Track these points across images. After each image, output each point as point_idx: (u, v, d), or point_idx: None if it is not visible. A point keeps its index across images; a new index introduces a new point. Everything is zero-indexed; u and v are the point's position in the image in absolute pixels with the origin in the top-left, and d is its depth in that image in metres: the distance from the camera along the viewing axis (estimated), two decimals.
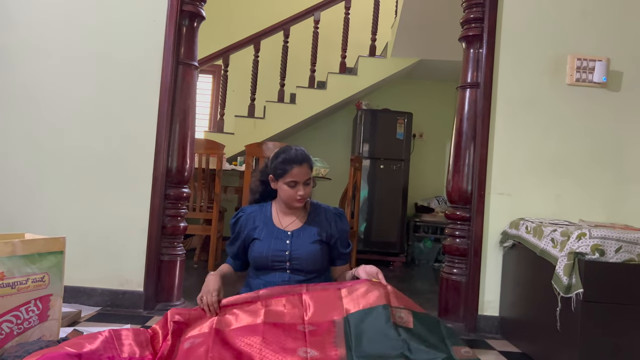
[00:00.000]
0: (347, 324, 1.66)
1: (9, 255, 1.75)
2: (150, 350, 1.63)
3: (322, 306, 1.73)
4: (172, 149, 2.64)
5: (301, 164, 1.90)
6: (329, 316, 1.70)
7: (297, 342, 1.60)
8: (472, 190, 2.61)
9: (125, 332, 1.66)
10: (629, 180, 2.59)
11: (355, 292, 1.75)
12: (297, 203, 1.93)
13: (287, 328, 1.65)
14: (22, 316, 1.78)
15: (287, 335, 1.62)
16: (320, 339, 1.62)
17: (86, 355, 1.49)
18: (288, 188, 1.91)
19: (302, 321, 1.68)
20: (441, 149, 5.92)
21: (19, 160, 2.64)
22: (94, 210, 2.62)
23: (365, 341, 1.60)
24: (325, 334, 1.64)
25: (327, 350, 1.58)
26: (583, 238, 1.85)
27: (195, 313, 1.75)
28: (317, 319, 1.69)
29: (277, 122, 5.10)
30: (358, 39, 5.38)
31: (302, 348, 1.58)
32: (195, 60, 2.72)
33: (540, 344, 2.14)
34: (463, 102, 2.67)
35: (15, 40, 2.66)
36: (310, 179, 1.94)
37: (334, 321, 1.68)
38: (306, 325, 1.67)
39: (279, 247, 1.91)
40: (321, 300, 1.75)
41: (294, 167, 1.89)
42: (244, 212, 2.04)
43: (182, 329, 1.68)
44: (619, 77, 2.60)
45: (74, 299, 2.55)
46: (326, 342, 1.61)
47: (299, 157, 1.91)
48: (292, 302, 1.74)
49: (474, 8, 2.64)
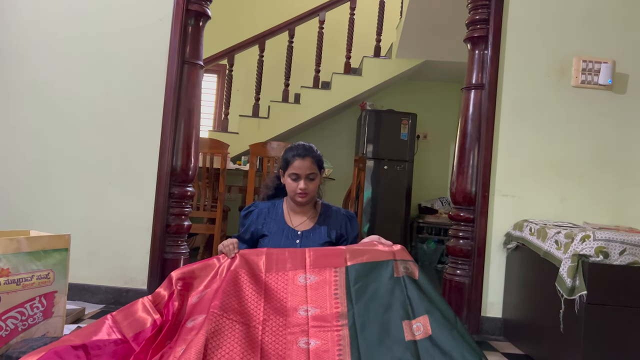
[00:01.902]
0: (348, 275, 1.69)
1: (14, 252, 1.76)
2: (158, 315, 1.66)
3: (324, 258, 1.77)
4: (177, 148, 2.65)
5: (304, 157, 1.91)
6: (331, 263, 1.73)
7: (297, 297, 1.66)
8: (476, 191, 2.61)
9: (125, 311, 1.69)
10: (634, 183, 2.58)
11: (359, 247, 1.80)
12: (298, 197, 1.92)
13: (289, 282, 1.70)
14: (26, 313, 1.79)
15: (287, 292, 1.67)
16: (321, 292, 1.66)
17: (91, 343, 1.51)
18: (291, 181, 1.92)
19: (304, 270, 1.73)
20: (445, 150, 5.91)
21: (25, 158, 2.65)
22: (98, 208, 2.63)
23: (367, 297, 1.64)
24: (327, 285, 1.68)
25: (328, 305, 1.62)
26: (587, 240, 1.85)
27: (199, 265, 1.77)
28: (319, 266, 1.73)
29: (281, 122, 5.10)
30: (363, 39, 5.37)
31: (302, 306, 1.63)
32: (200, 60, 2.72)
33: (543, 346, 2.14)
34: (468, 104, 2.66)
35: (23, 40, 2.68)
36: (315, 174, 1.94)
37: (335, 269, 1.72)
38: (307, 275, 1.71)
39: (288, 247, 1.91)
40: (323, 253, 1.80)
41: (296, 159, 1.91)
42: (256, 207, 2.05)
43: (188, 288, 1.71)
44: (625, 80, 2.59)
45: (78, 296, 2.56)
46: (327, 294, 1.65)
47: (302, 150, 1.93)
48: (294, 254, 1.79)
49: (480, 9, 2.64)
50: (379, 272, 1.70)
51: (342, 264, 1.73)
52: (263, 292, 1.66)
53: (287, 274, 1.72)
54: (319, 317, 1.61)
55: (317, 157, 1.96)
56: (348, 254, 1.76)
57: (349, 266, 1.72)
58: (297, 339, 1.56)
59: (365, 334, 1.56)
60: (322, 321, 1.61)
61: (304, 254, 1.77)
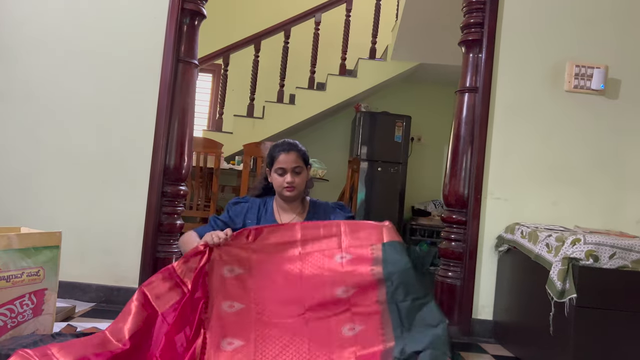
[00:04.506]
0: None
1: (5, 248, 1.75)
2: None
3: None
4: (170, 147, 2.64)
5: (288, 151, 1.94)
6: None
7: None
8: (468, 194, 2.62)
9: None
10: (625, 188, 2.60)
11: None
12: (286, 192, 1.93)
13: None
14: (16, 310, 1.77)
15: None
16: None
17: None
18: (277, 176, 1.94)
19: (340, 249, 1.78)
20: (439, 153, 5.94)
21: (18, 156, 2.64)
22: (90, 206, 2.62)
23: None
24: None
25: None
26: (578, 244, 1.86)
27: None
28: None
29: (276, 122, 5.10)
30: (358, 41, 5.39)
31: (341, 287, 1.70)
32: (195, 59, 2.72)
33: (533, 348, 2.15)
34: (461, 107, 2.67)
35: (16, 37, 2.66)
36: (302, 167, 1.96)
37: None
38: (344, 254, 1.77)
39: None
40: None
41: (281, 154, 1.93)
42: (248, 202, 2.06)
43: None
44: (617, 85, 2.61)
45: (69, 294, 2.54)
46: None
47: (285, 145, 1.96)
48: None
49: (474, 13, 2.65)
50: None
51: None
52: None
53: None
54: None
55: (301, 152, 1.98)
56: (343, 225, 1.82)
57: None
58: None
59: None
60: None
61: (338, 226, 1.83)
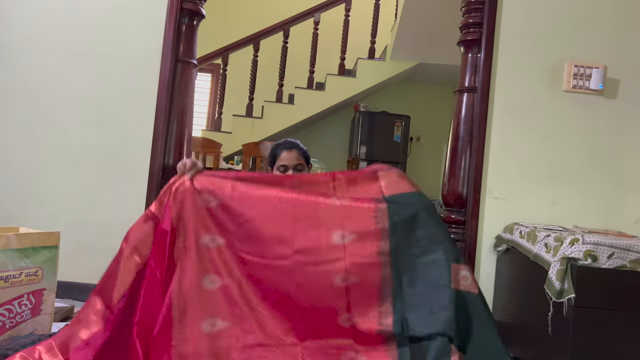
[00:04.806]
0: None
1: (3, 248, 1.75)
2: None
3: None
4: (169, 146, 2.64)
5: (290, 149, 1.98)
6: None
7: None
8: (467, 194, 2.62)
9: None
10: (624, 188, 2.59)
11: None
12: None
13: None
14: (14, 310, 1.77)
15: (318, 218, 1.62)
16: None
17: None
18: (279, 174, 1.96)
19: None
20: (438, 153, 5.94)
21: (17, 155, 2.63)
22: (89, 205, 2.62)
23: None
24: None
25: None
26: (576, 244, 1.86)
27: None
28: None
29: (275, 122, 5.10)
30: (357, 41, 5.39)
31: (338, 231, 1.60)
32: (194, 59, 2.72)
33: (531, 348, 2.15)
34: (460, 106, 2.68)
35: (16, 37, 2.66)
36: (303, 165, 1.99)
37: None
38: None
39: None
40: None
41: (283, 151, 1.98)
42: None
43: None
44: (616, 85, 2.61)
45: (67, 294, 2.54)
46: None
47: (287, 143, 2.01)
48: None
49: (473, 13, 2.65)
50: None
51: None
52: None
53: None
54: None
55: (303, 150, 2.02)
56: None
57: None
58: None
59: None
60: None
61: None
